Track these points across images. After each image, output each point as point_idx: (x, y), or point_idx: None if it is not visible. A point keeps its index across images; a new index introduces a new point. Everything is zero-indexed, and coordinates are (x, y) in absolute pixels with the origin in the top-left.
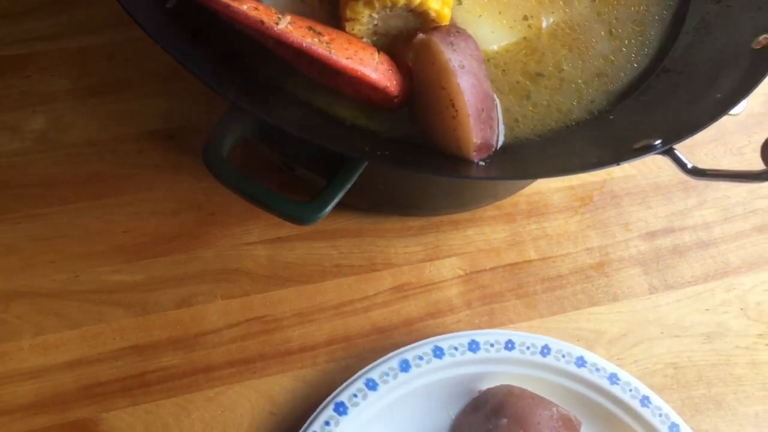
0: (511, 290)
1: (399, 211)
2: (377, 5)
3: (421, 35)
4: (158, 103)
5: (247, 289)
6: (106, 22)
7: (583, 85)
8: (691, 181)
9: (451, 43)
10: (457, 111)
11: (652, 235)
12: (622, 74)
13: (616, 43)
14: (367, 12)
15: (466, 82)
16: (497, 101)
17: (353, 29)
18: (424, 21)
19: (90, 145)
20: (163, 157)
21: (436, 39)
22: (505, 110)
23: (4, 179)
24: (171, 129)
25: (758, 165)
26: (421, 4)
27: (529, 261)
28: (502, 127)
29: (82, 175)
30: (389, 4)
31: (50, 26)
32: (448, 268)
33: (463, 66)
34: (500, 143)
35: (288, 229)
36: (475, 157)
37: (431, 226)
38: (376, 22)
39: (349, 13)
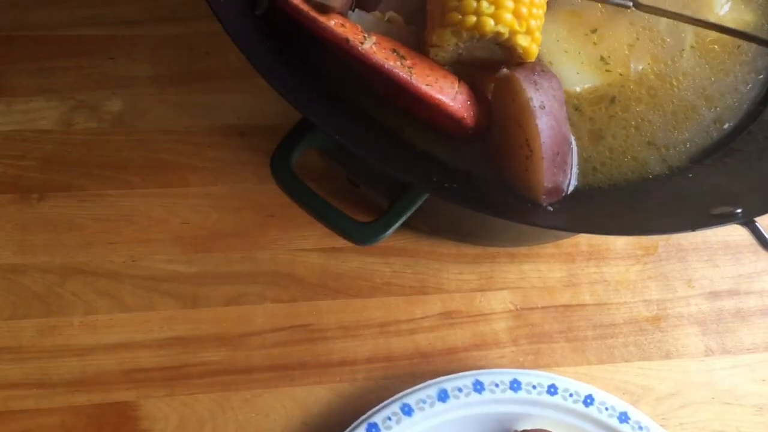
0: (561, 332)
1: (457, 237)
2: (465, 35)
3: (505, 70)
4: (233, 99)
5: (296, 296)
6: (192, 13)
7: (663, 139)
8: None
9: (535, 82)
10: (531, 152)
11: (715, 295)
12: (706, 132)
13: (702, 100)
14: (453, 41)
15: (545, 123)
16: (574, 145)
17: (437, 56)
18: (510, 56)
19: (162, 133)
20: (231, 153)
21: (520, 76)
22: (586, 159)
23: (77, 156)
24: (242, 126)
25: None
26: (509, 39)
27: (583, 305)
28: (575, 172)
29: (152, 161)
30: (477, 35)
31: (140, 12)
32: (499, 300)
33: (544, 106)
34: (572, 188)
35: (344, 240)
36: (544, 200)
37: (487, 256)
38: (461, 51)
39: (435, 39)
